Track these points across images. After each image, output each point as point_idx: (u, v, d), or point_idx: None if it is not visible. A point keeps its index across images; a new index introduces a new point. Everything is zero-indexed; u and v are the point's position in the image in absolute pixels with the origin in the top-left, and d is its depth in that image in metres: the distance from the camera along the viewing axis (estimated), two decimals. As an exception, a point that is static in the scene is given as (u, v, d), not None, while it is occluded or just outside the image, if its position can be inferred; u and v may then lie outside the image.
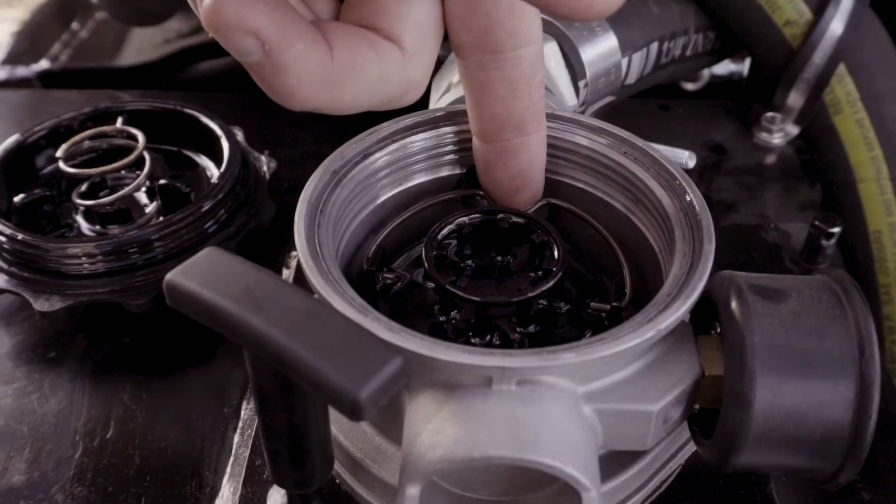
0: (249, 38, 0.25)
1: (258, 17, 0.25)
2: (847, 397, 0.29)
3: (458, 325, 0.34)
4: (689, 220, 0.34)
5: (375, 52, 0.29)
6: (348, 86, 0.28)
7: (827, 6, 0.52)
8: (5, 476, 0.37)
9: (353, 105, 0.29)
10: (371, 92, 0.29)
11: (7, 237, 0.42)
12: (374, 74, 0.29)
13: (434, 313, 0.34)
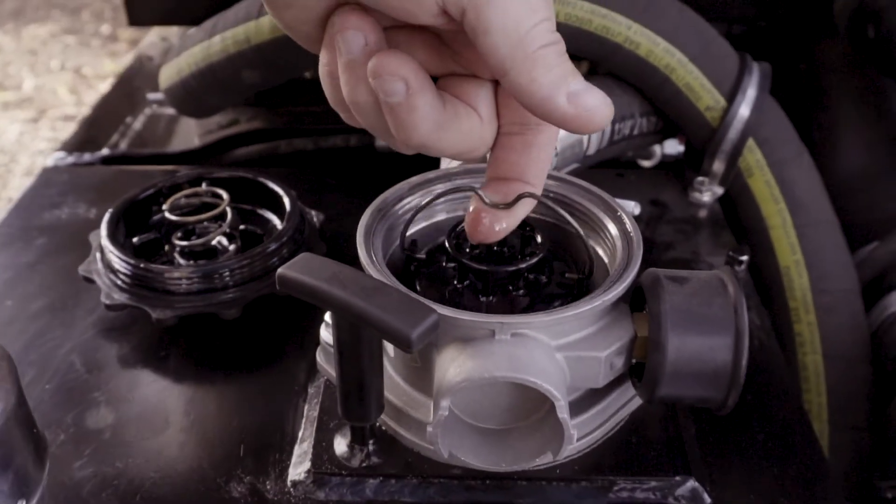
0: (400, 83, 0.36)
1: (408, 70, 0.37)
2: (728, 343, 0.44)
3: (470, 291, 0.49)
4: (625, 238, 0.50)
5: (467, 113, 0.40)
6: (449, 132, 0.39)
7: (736, 95, 0.69)
8: (141, 439, 0.51)
9: (447, 148, 0.40)
10: (460, 141, 0.40)
11: (131, 266, 0.57)
12: (465, 128, 0.40)
13: (453, 283, 0.49)
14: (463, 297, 0.49)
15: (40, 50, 3.49)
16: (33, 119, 3.07)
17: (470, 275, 0.49)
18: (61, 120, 3.07)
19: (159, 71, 0.84)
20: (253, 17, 0.70)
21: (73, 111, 3.12)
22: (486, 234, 0.45)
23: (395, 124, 0.38)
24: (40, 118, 3.07)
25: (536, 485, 0.48)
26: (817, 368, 0.70)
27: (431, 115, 0.38)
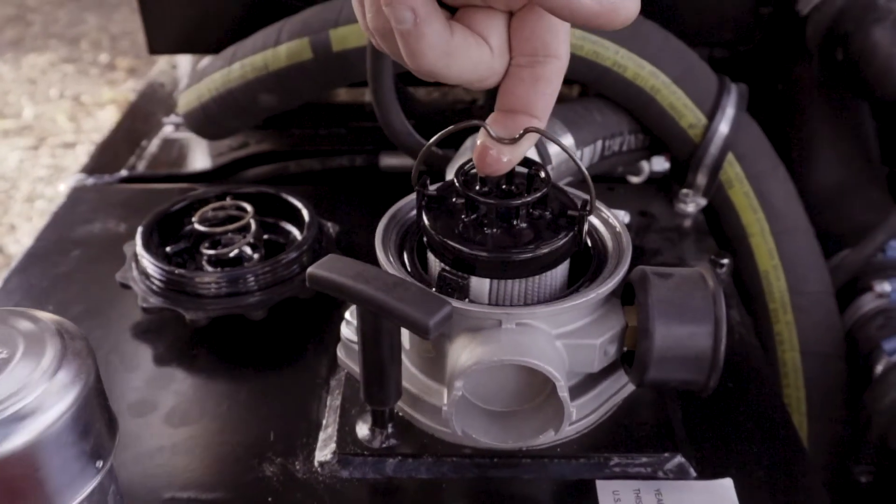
0: (408, 12, 0.38)
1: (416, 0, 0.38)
2: (708, 331, 0.50)
3: (477, 224, 0.51)
4: (616, 240, 0.55)
5: (477, 43, 0.42)
6: (458, 61, 0.41)
7: (716, 114, 0.74)
8: (179, 426, 0.57)
9: (456, 76, 0.41)
10: (469, 70, 0.42)
11: (166, 272, 0.63)
12: (475, 57, 0.42)
13: (461, 218, 0.51)
14: (470, 231, 0.51)
15: (39, 79, 3.55)
16: (33, 146, 3.12)
17: (477, 209, 0.52)
18: (61, 147, 3.12)
19: (178, 97, 0.89)
20: (270, 46, 0.76)
21: (72, 138, 3.17)
22: (493, 166, 0.46)
23: (406, 50, 0.40)
24: (40, 146, 3.12)
25: (539, 462, 0.53)
26: (795, 365, 0.76)
27: (439, 43, 0.40)
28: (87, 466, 0.38)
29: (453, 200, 0.53)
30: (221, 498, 0.52)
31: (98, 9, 4.09)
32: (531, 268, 0.50)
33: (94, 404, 0.38)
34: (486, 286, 0.51)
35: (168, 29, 0.92)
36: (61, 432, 0.36)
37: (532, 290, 0.51)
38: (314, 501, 0.51)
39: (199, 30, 0.91)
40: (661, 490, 0.52)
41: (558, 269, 0.52)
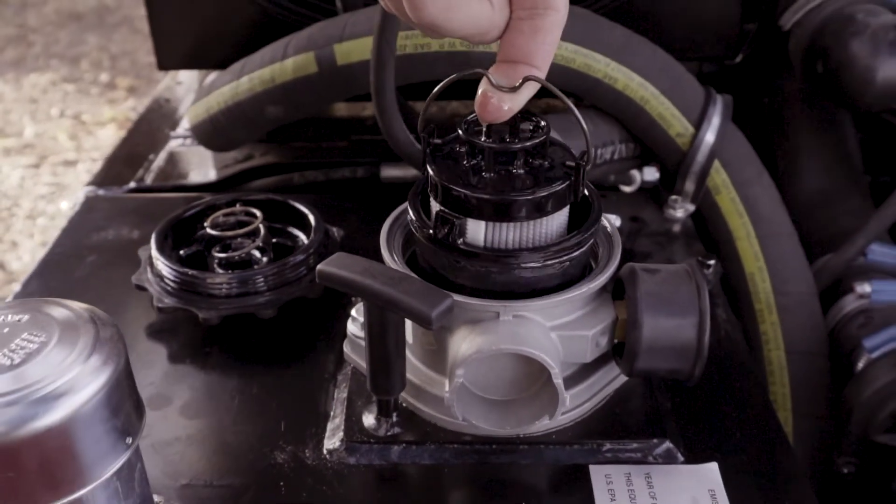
0: None
1: None
2: (693, 322, 0.53)
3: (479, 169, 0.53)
4: (607, 239, 0.59)
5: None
6: (458, 14, 0.42)
7: (703, 123, 0.78)
8: (194, 418, 0.60)
9: (457, 30, 0.43)
10: (469, 24, 0.43)
11: (180, 274, 0.66)
12: (475, 11, 0.43)
13: (463, 163, 0.53)
14: (469, 175, 0.53)
15: (40, 98, 3.59)
16: (34, 165, 3.16)
17: (478, 155, 0.53)
18: (62, 165, 3.16)
19: (187, 111, 0.93)
20: (278, 60, 0.79)
21: (73, 156, 3.21)
22: (494, 114, 0.48)
23: (409, 2, 0.42)
24: (41, 164, 3.15)
25: (536, 448, 0.56)
26: (781, 363, 0.79)
27: None
28: (118, 442, 0.41)
29: (457, 149, 0.55)
30: (236, 484, 0.55)
31: (98, 29, 4.14)
32: (525, 211, 0.52)
33: (124, 385, 0.41)
34: (482, 229, 0.53)
35: (176, 45, 0.96)
36: (95, 409, 0.39)
37: (527, 236, 0.53)
38: (323, 486, 0.54)
39: (205, 46, 0.95)
40: (650, 474, 0.55)
41: (554, 217, 0.53)
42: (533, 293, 0.54)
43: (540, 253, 0.53)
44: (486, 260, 0.53)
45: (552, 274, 0.54)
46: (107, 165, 1.11)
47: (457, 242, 0.53)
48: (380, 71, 0.69)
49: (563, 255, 0.53)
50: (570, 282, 0.55)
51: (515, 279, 0.53)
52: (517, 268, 0.53)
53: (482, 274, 0.53)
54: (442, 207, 0.53)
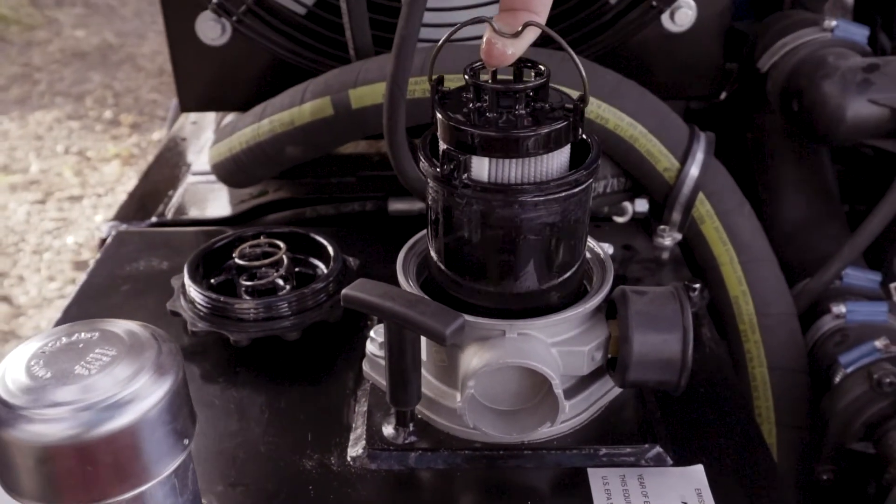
0: None
1: None
2: (678, 337, 0.59)
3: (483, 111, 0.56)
4: (601, 265, 0.65)
5: None
6: None
7: (687, 158, 0.85)
8: (228, 431, 0.66)
9: None
10: None
11: (212, 300, 0.72)
12: None
13: (469, 105, 0.56)
14: (474, 115, 0.56)
15: (46, 135, 3.66)
16: (40, 200, 3.22)
17: (482, 97, 0.56)
18: (67, 201, 3.22)
19: (209, 150, 1.00)
20: (297, 104, 0.86)
21: (78, 192, 3.28)
22: (499, 58, 0.51)
23: None
24: (47, 199, 3.22)
25: (539, 453, 0.62)
26: (764, 379, 0.85)
27: None
28: (177, 443, 0.47)
29: (464, 97, 0.58)
30: (269, 487, 0.61)
31: (102, 67, 4.22)
32: (526, 148, 0.55)
33: (181, 393, 0.47)
34: (486, 165, 0.56)
35: (198, 89, 1.03)
36: (158, 414, 0.45)
37: (529, 172, 0.56)
38: (348, 489, 0.60)
39: (226, 90, 1.02)
40: (643, 476, 0.61)
41: (554, 155, 0.56)
42: (535, 313, 0.60)
43: (542, 188, 0.56)
44: (489, 193, 0.56)
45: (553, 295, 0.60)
46: (128, 202, 1.17)
47: (461, 178, 0.56)
48: (392, 113, 0.76)
49: (563, 190, 0.56)
50: (568, 303, 0.62)
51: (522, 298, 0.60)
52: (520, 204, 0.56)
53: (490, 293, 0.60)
54: (448, 146, 0.57)
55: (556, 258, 0.60)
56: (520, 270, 0.59)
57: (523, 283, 0.60)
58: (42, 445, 0.43)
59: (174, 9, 0.97)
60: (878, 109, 0.86)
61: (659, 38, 0.96)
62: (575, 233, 0.60)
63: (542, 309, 0.60)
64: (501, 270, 0.60)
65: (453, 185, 0.56)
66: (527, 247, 0.58)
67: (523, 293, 0.60)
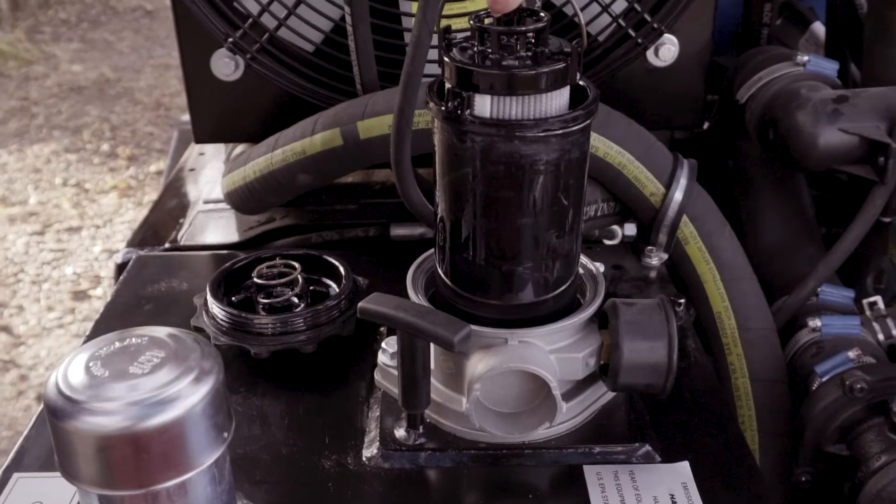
0: None
1: None
2: (664, 344, 0.65)
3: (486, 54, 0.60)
4: (594, 280, 0.71)
5: None
6: None
7: (672, 184, 0.91)
8: (251, 435, 0.71)
9: None
10: None
11: (233, 316, 0.78)
12: None
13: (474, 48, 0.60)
14: (478, 57, 0.59)
15: (44, 168, 3.72)
16: (39, 232, 3.28)
17: (486, 41, 0.60)
18: (66, 232, 3.28)
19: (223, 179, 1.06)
20: (308, 135, 0.92)
21: (76, 223, 3.33)
22: (503, 3, 0.54)
23: None
24: (45, 231, 3.27)
25: (539, 452, 0.68)
26: (746, 389, 0.91)
27: None
28: (218, 436, 0.53)
29: (469, 44, 0.61)
30: (290, 486, 0.66)
31: (99, 101, 4.29)
32: (525, 85, 0.58)
33: (222, 391, 0.53)
34: (488, 102, 0.59)
35: (211, 122, 1.09)
36: (203, 409, 0.51)
37: (528, 109, 0.59)
38: (364, 486, 0.66)
39: (238, 123, 1.08)
40: (633, 472, 0.67)
41: (553, 95, 0.60)
42: (535, 322, 0.66)
43: (540, 124, 0.59)
44: (491, 127, 0.59)
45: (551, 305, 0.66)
46: (141, 229, 1.23)
47: (465, 114, 0.59)
48: (399, 144, 0.82)
49: (560, 127, 0.59)
50: (564, 314, 0.68)
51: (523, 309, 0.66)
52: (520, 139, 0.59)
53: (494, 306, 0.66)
54: (453, 87, 0.60)
55: (555, 206, 0.63)
56: (520, 217, 0.63)
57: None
58: (100, 435, 0.49)
59: (190, 46, 1.04)
60: (847, 138, 0.92)
61: (644, 72, 1.03)
62: (573, 181, 0.63)
63: (541, 318, 0.66)
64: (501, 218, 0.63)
65: (458, 121, 0.60)
66: (527, 184, 0.62)
67: (524, 304, 0.66)
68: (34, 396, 2.49)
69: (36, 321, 2.80)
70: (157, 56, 4.79)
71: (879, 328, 0.94)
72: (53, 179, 3.63)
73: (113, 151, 3.84)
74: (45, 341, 2.71)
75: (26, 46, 4.79)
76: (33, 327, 2.78)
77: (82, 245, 3.20)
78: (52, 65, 4.65)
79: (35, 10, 5.22)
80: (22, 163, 3.75)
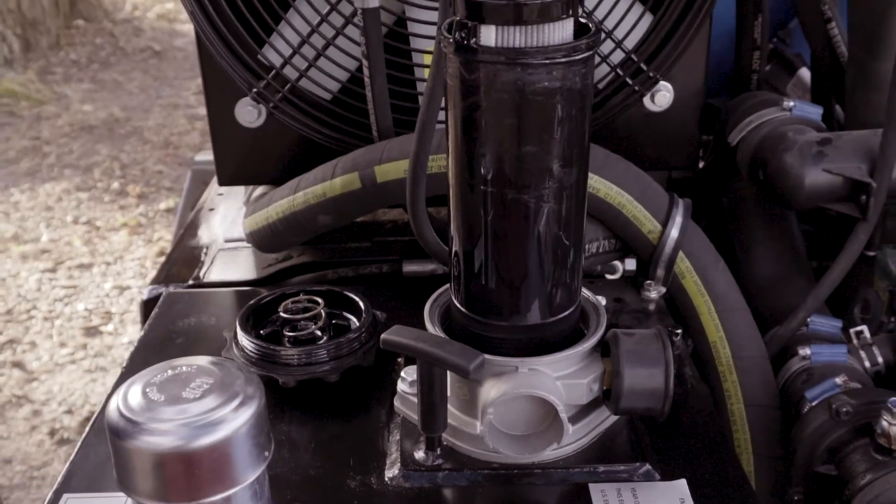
0: None
1: None
2: (661, 371, 0.71)
3: None
4: (596, 311, 0.77)
5: None
6: None
7: (668, 222, 0.98)
8: (282, 459, 0.77)
9: None
10: None
11: (262, 348, 0.84)
12: None
13: None
14: None
15: (55, 206, 3.78)
16: (51, 269, 3.34)
17: None
18: (77, 269, 3.34)
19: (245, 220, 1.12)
20: (328, 178, 0.99)
21: (88, 260, 3.39)
22: None
23: None
24: (57, 268, 3.34)
25: (548, 471, 0.74)
26: (741, 414, 0.97)
27: None
28: (260, 455, 0.59)
29: None
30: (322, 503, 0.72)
31: (109, 140, 4.37)
32: (527, 15, 0.60)
33: (263, 414, 0.59)
34: (493, 32, 0.62)
35: (234, 165, 1.16)
36: (248, 429, 0.57)
37: (532, 39, 0.62)
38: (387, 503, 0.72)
39: (259, 167, 1.15)
40: (635, 489, 0.73)
41: (556, 26, 0.62)
42: (543, 350, 0.72)
43: (543, 51, 0.61)
44: (497, 54, 0.62)
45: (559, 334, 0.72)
46: (165, 266, 1.29)
47: (471, 43, 0.62)
48: (414, 188, 0.89)
49: (563, 55, 0.62)
50: (569, 343, 0.74)
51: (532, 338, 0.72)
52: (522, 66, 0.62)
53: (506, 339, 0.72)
54: (460, 19, 0.63)
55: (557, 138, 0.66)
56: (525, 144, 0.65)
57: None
58: (156, 453, 0.55)
59: (216, 95, 1.11)
60: (831, 178, 0.99)
61: (642, 117, 1.10)
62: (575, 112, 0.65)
63: (548, 346, 0.72)
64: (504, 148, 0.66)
65: (466, 50, 0.63)
66: (531, 113, 0.64)
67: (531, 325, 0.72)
68: (47, 431, 2.53)
69: (48, 357, 2.86)
70: (166, 96, 4.88)
71: (865, 356, 1.00)
72: (65, 217, 3.69)
73: (123, 189, 3.90)
74: (58, 377, 2.76)
75: (38, 87, 4.89)
76: (46, 363, 2.83)
77: (93, 282, 3.26)
78: (63, 105, 4.74)
79: (46, 52, 5.33)
80: (34, 201, 3.82)
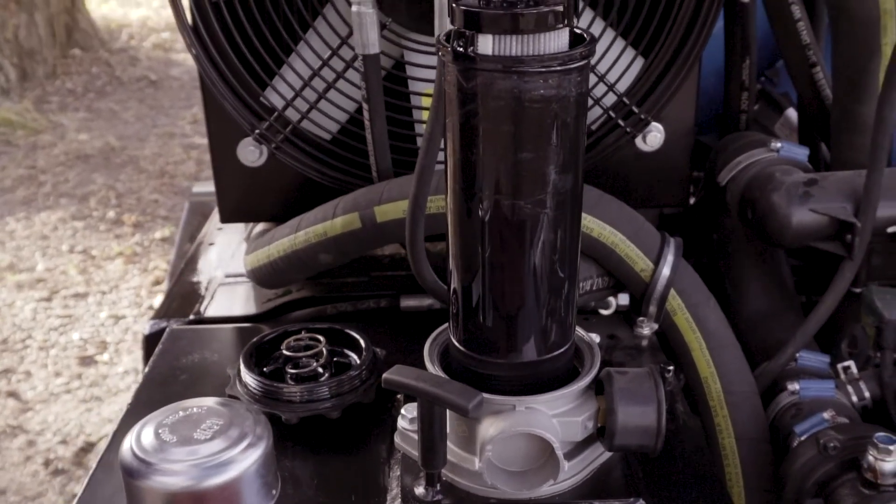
0: None
1: None
2: (654, 408, 0.74)
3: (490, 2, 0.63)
4: (590, 351, 0.80)
5: None
6: None
7: (660, 260, 1.00)
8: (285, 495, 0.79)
9: None
10: None
11: (266, 385, 0.86)
12: None
13: None
14: (484, 2, 0.63)
15: (51, 235, 3.80)
16: (46, 298, 3.34)
17: None
18: (72, 298, 3.35)
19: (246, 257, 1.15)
20: (329, 218, 1.02)
21: (83, 289, 3.40)
22: None
23: None
24: (52, 297, 3.34)
25: (544, 506, 0.76)
26: (732, 448, 0.99)
27: None
28: (268, 493, 0.61)
29: None
30: (323, 538, 0.74)
31: (105, 169, 4.39)
32: (523, 24, 0.61)
33: (272, 454, 0.61)
34: (490, 41, 0.63)
35: (236, 203, 1.18)
36: (257, 468, 0.59)
37: (527, 47, 0.63)
38: (388, 538, 0.74)
39: (260, 204, 1.18)
40: (629, 523, 0.75)
41: (551, 35, 0.63)
42: (539, 389, 0.74)
43: (538, 59, 0.62)
44: (494, 62, 0.63)
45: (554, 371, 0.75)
46: (167, 301, 1.31)
47: (469, 51, 0.63)
48: (414, 228, 0.92)
49: (558, 64, 0.62)
50: (565, 382, 0.76)
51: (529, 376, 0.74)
52: (518, 74, 0.62)
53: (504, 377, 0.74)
54: (458, 28, 0.64)
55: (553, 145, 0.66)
56: (520, 150, 0.66)
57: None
58: (168, 492, 0.57)
59: (219, 135, 1.13)
60: (818, 217, 1.02)
61: (634, 156, 1.13)
62: (570, 120, 0.66)
63: (544, 384, 0.74)
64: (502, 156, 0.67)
65: (464, 58, 0.64)
66: (527, 120, 0.65)
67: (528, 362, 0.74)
68: (41, 462, 2.53)
69: (43, 387, 2.86)
70: (162, 125, 4.92)
71: (853, 390, 1.02)
72: (60, 246, 3.70)
73: (119, 218, 3.92)
74: (53, 406, 2.76)
75: (34, 116, 4.92)
76: (41, 393, 2.83)
77: (89, 311, 3.27)
78: (59, 134, 4.77)
79: (43, 81, 5.36)
80: (29, 230, 3.83)
